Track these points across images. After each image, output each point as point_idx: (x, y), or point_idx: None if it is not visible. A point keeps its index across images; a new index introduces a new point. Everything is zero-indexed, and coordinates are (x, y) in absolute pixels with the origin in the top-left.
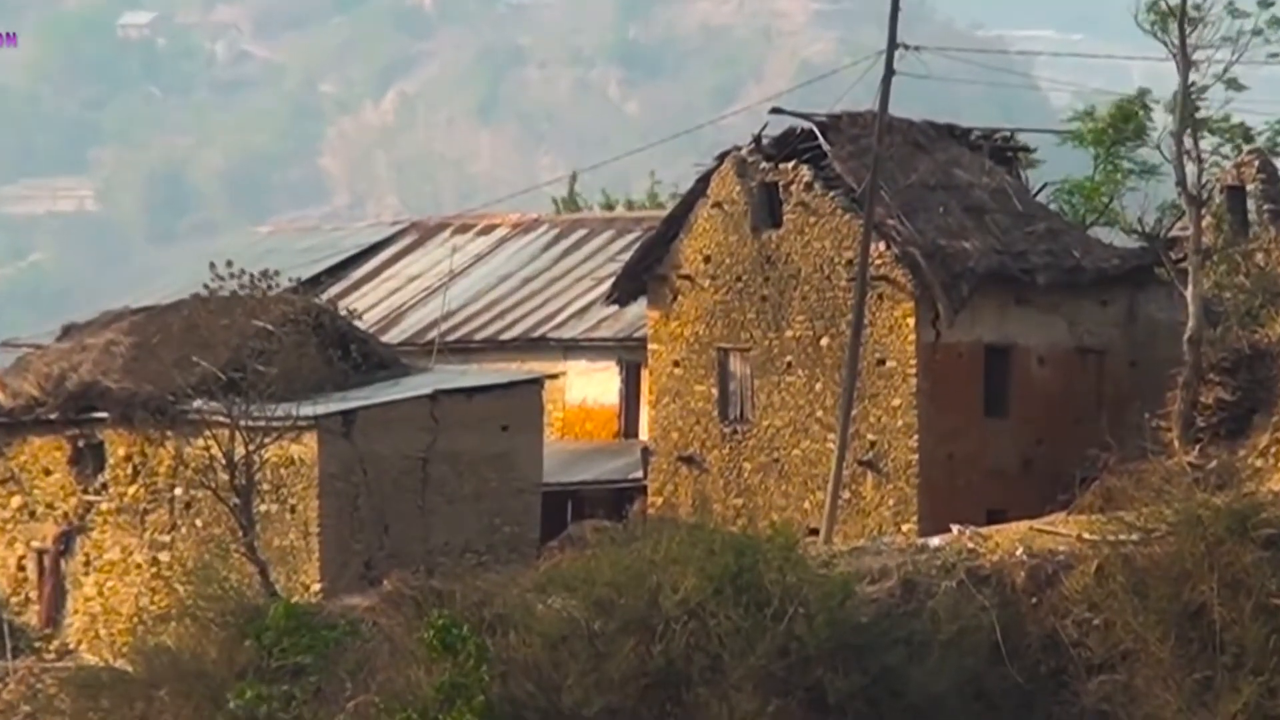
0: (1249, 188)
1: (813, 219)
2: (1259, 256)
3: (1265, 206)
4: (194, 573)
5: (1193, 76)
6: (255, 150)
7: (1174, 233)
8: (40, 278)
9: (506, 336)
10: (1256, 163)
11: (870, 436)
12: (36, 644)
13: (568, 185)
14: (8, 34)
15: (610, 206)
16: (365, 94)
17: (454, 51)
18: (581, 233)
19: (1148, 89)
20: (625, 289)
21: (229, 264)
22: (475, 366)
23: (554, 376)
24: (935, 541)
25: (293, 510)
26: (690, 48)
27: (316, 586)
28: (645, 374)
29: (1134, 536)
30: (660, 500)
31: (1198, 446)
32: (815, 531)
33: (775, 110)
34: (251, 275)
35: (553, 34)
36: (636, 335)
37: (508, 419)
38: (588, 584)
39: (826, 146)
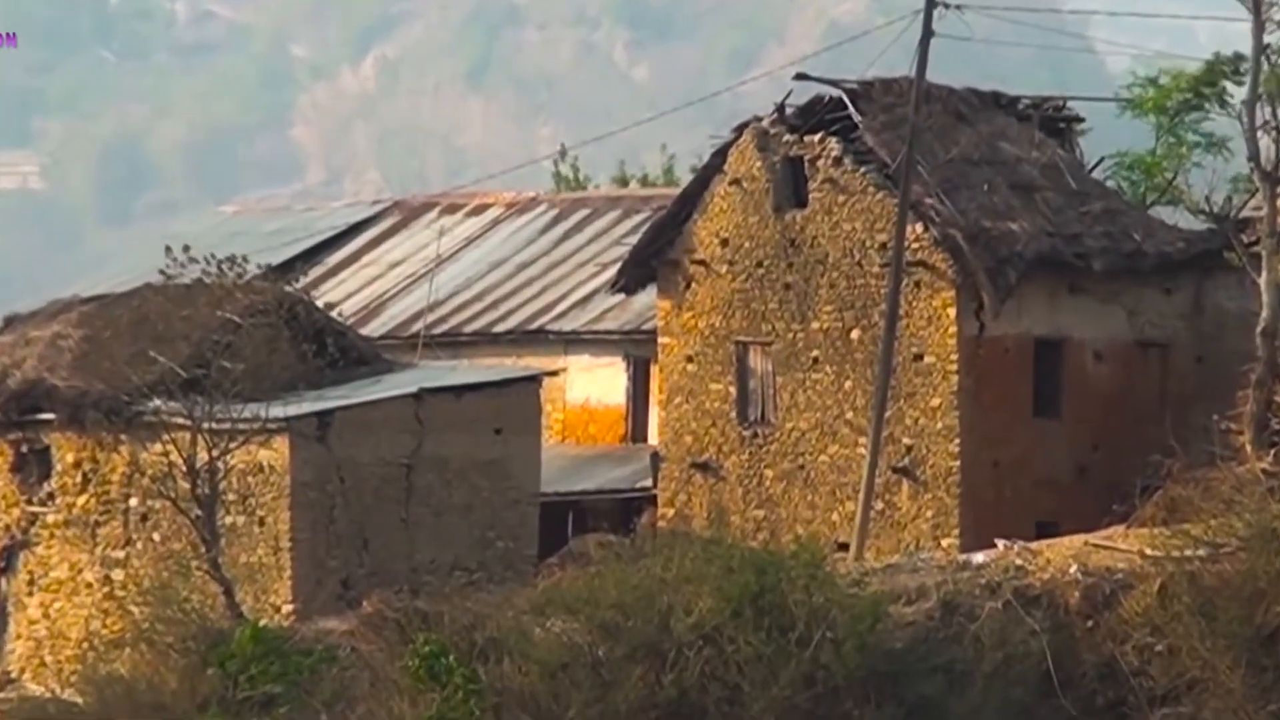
0: None
1: (842, 198)
2: None
3: None
4: (151, 593)
5: (1268, 37)
6: (220, 121)
7: (1246, 213)
8: None
9: (500, 329)
10: None
11: (906, 440)
12: None
13: (558, 162)
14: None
15: (624, 183)
16: (342, 58)
17: (441, 10)
18: (584, 213)
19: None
20: (633, 276)
21: (188, 248)
22: (465, 362)
23: (553, 373)
24: (979, 558)
25: (261, 523)
26: (705, 6)
27: (288, 608)
28: (655, 370)
29: (1201, 552)
30: (672, 511)
31: (1272, 451)
32: (845, 546)
33: (800, 76)
34: (216, 260)
35: None
36: (645, 327)
37: (501, 421)
38: (591, 605)
39: (857, 117)
